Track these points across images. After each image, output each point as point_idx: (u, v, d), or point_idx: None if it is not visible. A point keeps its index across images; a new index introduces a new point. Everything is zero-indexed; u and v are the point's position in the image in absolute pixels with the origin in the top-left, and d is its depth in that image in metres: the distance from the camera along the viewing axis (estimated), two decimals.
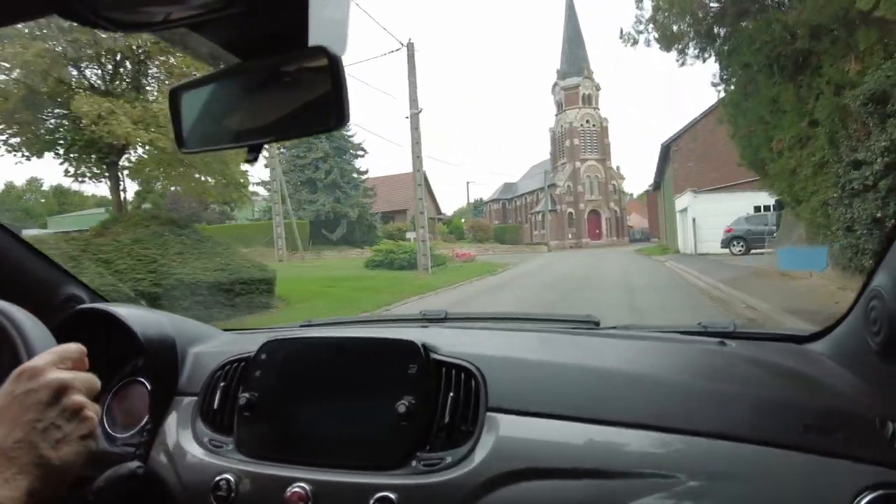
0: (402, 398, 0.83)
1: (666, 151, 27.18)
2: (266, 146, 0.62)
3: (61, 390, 0.51)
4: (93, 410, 0.54)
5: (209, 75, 0.57)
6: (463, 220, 48.28)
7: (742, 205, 18.91)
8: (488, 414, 0.82)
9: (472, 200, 70.95)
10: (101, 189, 17.21)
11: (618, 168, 58.59)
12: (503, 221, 69.99)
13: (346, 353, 0.94)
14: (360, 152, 33.45)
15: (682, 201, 23.13)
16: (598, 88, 58.45)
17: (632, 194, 78.38)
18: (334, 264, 20.32)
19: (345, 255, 26.73)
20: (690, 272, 13.09)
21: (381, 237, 31.92)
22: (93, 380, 0.56)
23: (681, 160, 25.68)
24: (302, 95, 0.54)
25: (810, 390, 0.81)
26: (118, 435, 1.01)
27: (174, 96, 0.60)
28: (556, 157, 59.42)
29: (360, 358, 0.92)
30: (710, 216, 20.30)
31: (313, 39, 0.48)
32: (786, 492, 0.67)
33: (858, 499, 0.63)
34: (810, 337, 0.98)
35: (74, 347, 0.57)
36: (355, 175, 33.03)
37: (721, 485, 0.68)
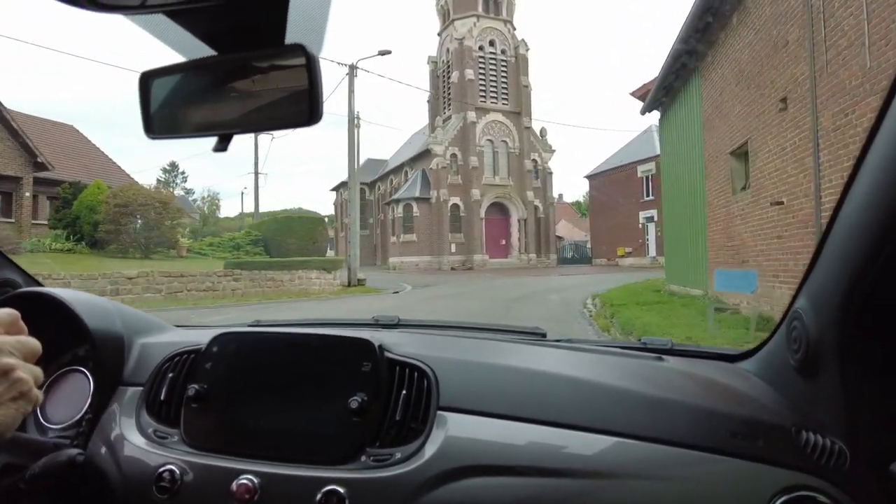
0: (354, 394, 0.86)
1: None
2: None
3: None
4: (27, 372, 0.54)
5: (183, 63, 0.58)
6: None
7: None
8: (438, 412, 0.86)
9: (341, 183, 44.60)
10: None
11: (542, 133, 33.69)
12: (362, 217, 43.22)
13: (300, 348, 0.95)
14: None
15: None
16: None
17: (561, 195, 55.34)
18: None
19: None
20: None
21: None
22: (27, 342, 0.56)
23: None
24: (277, 90, 0.56)
25: (737, 402, 0.86)
26: (54, 426, 1.00)
27: (144, 81, 0.61)
28: (436, 105, 33.82)
29: (314, 354, 0.94)
30: None
31: (290, 37, 0.51)
32: (713, 491, 0.74)
33: (775, 498, 0.70)
34: (740, 356, 1.06)
35: (4, 312, 0.57)
36: None
37: (654, 484, 0.75)
